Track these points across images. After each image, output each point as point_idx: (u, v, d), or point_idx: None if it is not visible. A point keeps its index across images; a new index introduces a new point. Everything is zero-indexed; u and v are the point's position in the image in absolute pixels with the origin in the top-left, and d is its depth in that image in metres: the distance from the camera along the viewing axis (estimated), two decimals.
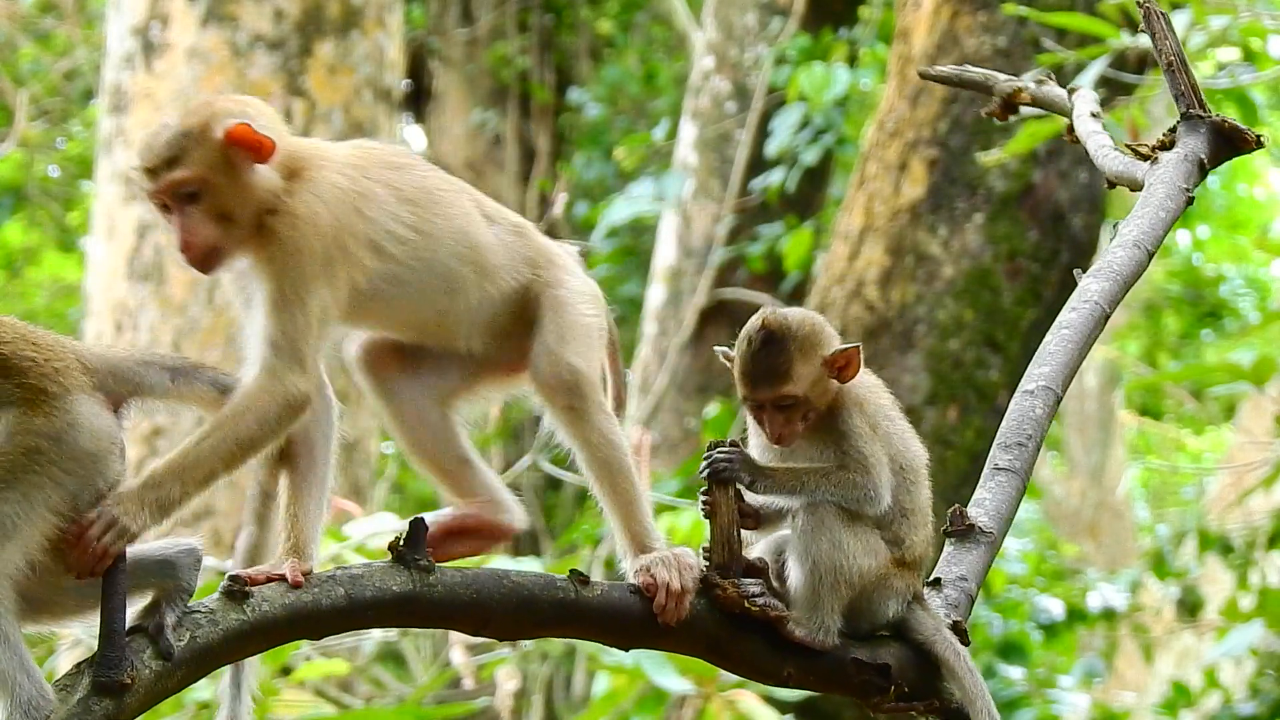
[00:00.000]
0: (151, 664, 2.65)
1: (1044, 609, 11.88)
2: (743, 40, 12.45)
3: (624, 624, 2.93)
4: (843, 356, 3.15)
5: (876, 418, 3.18)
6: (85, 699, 2.61)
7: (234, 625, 2.71)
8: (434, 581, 2.83)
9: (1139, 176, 3.74)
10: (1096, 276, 3.54)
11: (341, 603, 2.78)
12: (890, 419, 3.23)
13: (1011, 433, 3.35)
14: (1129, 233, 3.60)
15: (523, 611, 2.87)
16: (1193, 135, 3.75)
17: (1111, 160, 3.83)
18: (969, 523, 3.23)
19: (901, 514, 3.14)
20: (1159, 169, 3.71)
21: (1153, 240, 3.59)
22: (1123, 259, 3.56)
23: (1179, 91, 3.76)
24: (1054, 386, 3.41)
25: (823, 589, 3.04)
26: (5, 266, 20.08)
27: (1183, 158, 3.72)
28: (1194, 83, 3.76)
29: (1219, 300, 19.95)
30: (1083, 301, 3.50)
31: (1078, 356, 3.45)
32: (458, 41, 18.30)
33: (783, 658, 2.99)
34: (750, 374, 3.12)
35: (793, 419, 3.11)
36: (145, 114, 10.14)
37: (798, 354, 3.11)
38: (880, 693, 3.03)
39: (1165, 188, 3.67)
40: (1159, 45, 3.75)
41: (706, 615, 2.95)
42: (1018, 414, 3.38)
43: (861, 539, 3.07)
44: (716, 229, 12.00)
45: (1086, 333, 3.47)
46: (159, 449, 9.75)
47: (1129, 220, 3.63)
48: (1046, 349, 3.45)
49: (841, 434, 3.13)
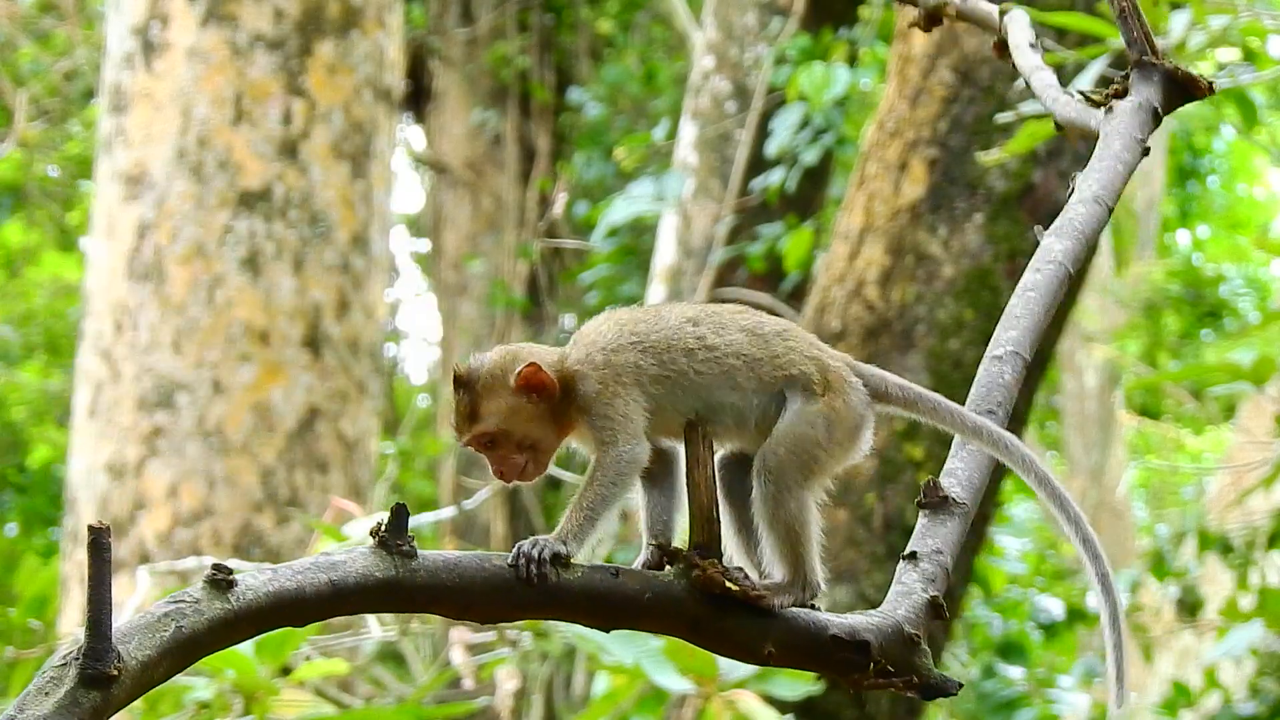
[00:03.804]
0: (137, 655, 2.66)
1: (1044, 609, 11.90)
2: (743, 40, 12.45)
3: (605, 606, 2.96)
4: (520, 379, 3.15)
5: (602, 372, 3.15)
6: (73, 691, 2.62)
7: (219, 614, 2.72)
8: (416, 567, 2.85)
9: (1092, 125, 3.70)
10: (1059, 235, 3.50)
11: (325, 589, 2.80)
12: (621, 329, 3.20)
13: (980, 400, 3.30)
14: (1088, 187, 3.56)
15: (504, 595, 2.89)
16: (1145, 83, 3.71)
17: (1063, 105, 3.78)
18: (942, 494, 3.20)
19: (747, 363, 3.13)
20: (1113, 119, 3.66)
21: (1111, 195, 3.55)
22: (1083, 215, 3.52)
23: (1131, 38, 3.72)
24: (1021, 351, 3.36)
25: (796, 544, 3.07)
26: (5, 266, 20.09)
27: (1137, 106, 3.67)
28: (1146, 30, 3.71)
29: (1219, 300, 19.96)
30: (1047, 262, 3.46)
31: (1045, 318, 3.40)
32: (458, 41, 18.31)
33: (764, 636, 3.00)
34: (451, 424, 3.24)
35: (507, 454, 3.17)
36: (145, 114, 10.15)
37: (482, 393, 3.17)
38: (860, 670, 3.03)
39: (1121, 139, 3.62)
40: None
41: (687, 596, 2.96)
42: (986, 381, 3.33)
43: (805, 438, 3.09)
44: (716, 229, 12.00)
45: (1052, 293, 3.43)
46: (159, 449, 9.75)
47: (1086, 174, 3.58)
48: (1012, 312, 3.40)
49: (590, 409, 3.14)
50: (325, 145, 10.21)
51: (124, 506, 9.69)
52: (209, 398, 9.76)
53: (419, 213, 20.39)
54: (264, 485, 9.79)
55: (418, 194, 21.40)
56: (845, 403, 3.15)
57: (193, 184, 10.01)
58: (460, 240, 18.14)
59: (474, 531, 16.51)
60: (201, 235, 9.96)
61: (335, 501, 7.57)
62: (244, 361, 9.81)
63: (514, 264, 17.71)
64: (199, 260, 9.94)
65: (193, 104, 10.09)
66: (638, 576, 2.97)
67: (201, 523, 9.69)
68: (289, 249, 10.04)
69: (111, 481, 9.77)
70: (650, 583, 2.96)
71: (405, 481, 17.21)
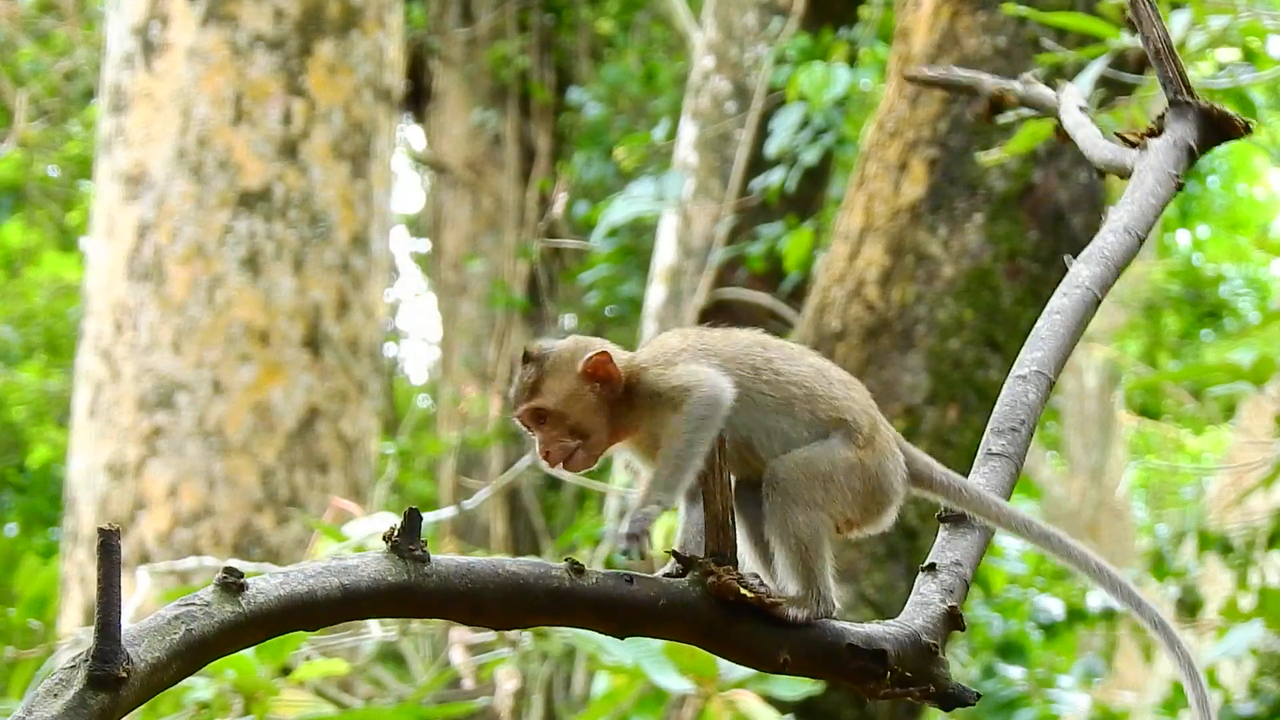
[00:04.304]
0: (147, 657, 2.66)
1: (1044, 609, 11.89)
2: (743, 40, 12.45)
3: (619, 612, 2.95)
4: (589, 364, 3.17)
5: (668, 357, 3.17)
6: (81, 693, 2.62)
7: (229, 617, 2.72)
8: (429, 572, 2.84)
9: (1128, 164, 3.74)
10: (1087, 262, 3.53)
11: (337, 593, 2.79)
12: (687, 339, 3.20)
13: (1004, 418, 3.33)
14: (1119, 218, 3.60)
15: (517, 599, 2.89)
16: (1181, 121, 3.74)
17: (1100, 149, 3.83)
18: None
19: (804, 394, 3.13)
20: (1148, 156, 3.70)
21: (1143, 225, 3.59)
22: (1113, 244, 3.55)
23: (1166, 78, 3.75)
24: (1046, 371, 3.40)
25: (809, 559, 3.06)
26: (5, 266, 20.09)
27: (1171, 144, 3.71)
28: (1181, 69, 3.75)
29: (1219, 300, 19.97)
30: (1074, 287, 3.49)
31: (1070, 341, 3.44)
32: (458, 41, 18.31)
33: (779, 643, 3.00)
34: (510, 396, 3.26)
35: (558, 436, 3.18)
36: (145, 114, 10.15)
37: (548, 371, 3.19)
38: (876, 678, 3.02)
39: (1154, 174, 3.66)
40: (1146, 32, 3.75)
41: (702, 603, 2.96)
42: (1010, 399, 3.36)
43: (829, 470, 3.09)
44: (716, 229, 12.00)
45: (1078, 317, 3.46)
46: (159, 449, 9.76)
47: (1119, 206, 3.63)
48: (1038, 334, 3.44)
49: (651, 402, 3.14)
50: (325, 145, 10.22)
51: (124, 506, 9.69)
52: (209, 398, 9.76)
53: (419, 213, 20.40)
54: (264, 485, 9.79)
55: (418, 194, 21.42)
56: (879, 465, 3.15)
57: (193, 184, 10.01)
58: (460, 240, 18.14)
59: (474, 532, 16.51)
60: (201, 235, 9.96)
61: (335, 501, 7.58)
62: (244, 361, 9.81)
63: (514, 264, 17.72)
64: (199, 260, 9.94)
65: (193, 104, 10.09)
66: (652, 583, 2.96)
67: (201, 523, 9.69)
68: (289, 249, 10.04)
69: (111, 481, 9.77)
70: (665, 589, 2.96)
71: (405, 481, 17.21)
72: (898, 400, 8.27)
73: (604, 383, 3.19)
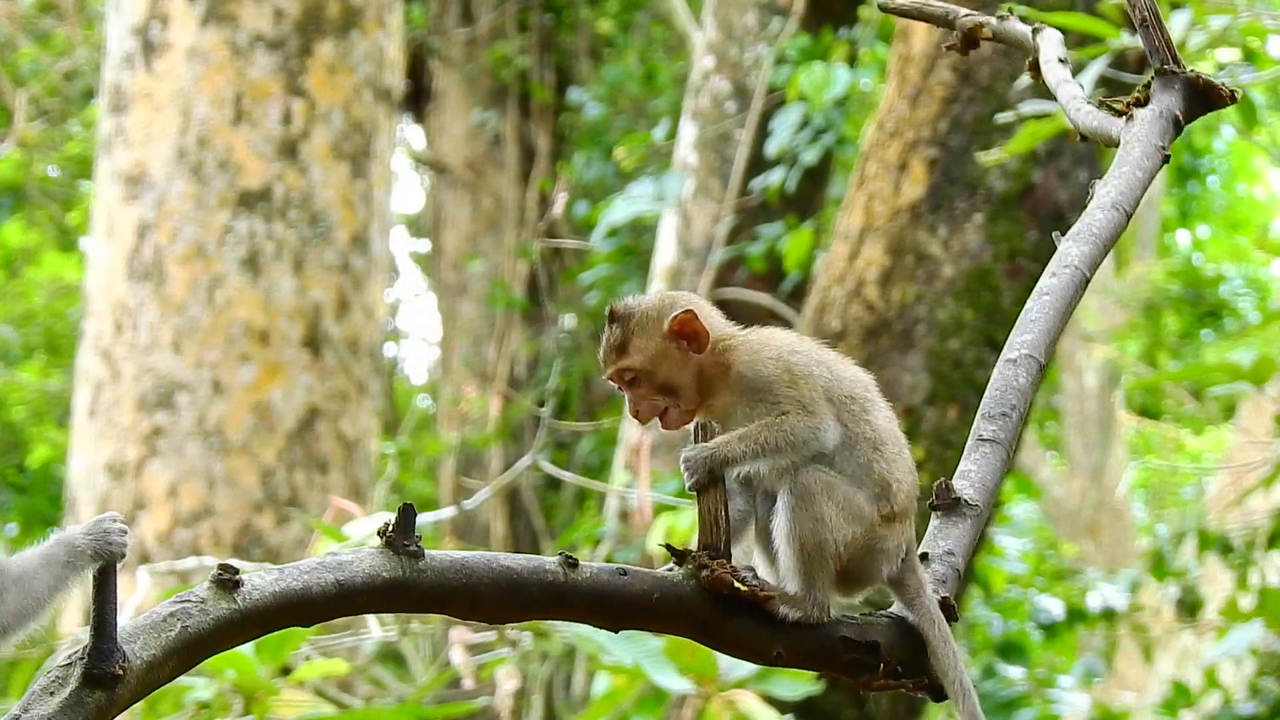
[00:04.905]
0: (143, 655, 2.66)
1: (1044, 609, 11.89)
2: (743, 40, 12.45)
3: (613, 606, 2.95)
4: (676, 321, 3.15)
5: (788, 361, 3.14)
6: (77, 690, 2.62)
7: (225, 614, 2.72)
8: (423, 567, 2.84)
9: (1114, 133, 3.70)
10: (1076, 240, 3.49)
11: (332, 589, 2.79)
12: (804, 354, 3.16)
13: (995, 403, 3.29)
14: (1107, 194, 3.55)
15: (511, 594, 2.89)
16: (1167, 92, 3.70)
17: (1085, 115, 3.78)
18: (955, 496, 3.20)
19: (871, 446, 3.10)
20: (1134, 126, 3.66)
21: (1130, 201, 3.55)
22: (1101, 221, 3.51)
23: (1153, 47, 3.72)
24: (1036, 354, 3.35)
25: (812, 566, 3.04)
26: (5, 266, 20.09)
27: (1158, 114, 3.67)
28: (1168, 39, 3.71)
29: (1219, 300, 19.95)
30: (1063, 266, 3.44)
31: (1060, 322, 3.39)
32: (458, 41, 18.31)
33: (772, 637, 3.00)
34: (599, 355, 3.23)
35: (647, 394, 3.16)
36: (145, 114, 10.15)
37: (634, 330, 3.17)
38: (869, 671, 3.02)
39: (1141, 146, 3.62)
40: (1132, 1, 3.72)
41: (696, 596, 2.95)
42: (1000, 383, 3.32)
43: (846, 506, 3.06)
44: (716, 229, 12.00)
45: (1067, 297, 3.41)
46: (159, 449, 9.76)
47: (1106, 181, 3.58)
48: (1027, 316, 3.39)
49: (760, 389, 3.11)
50: (325, 145, 10.22)
51: (124, 506, 9.69)
52: (209, 398, 9.76)
53: (419, 213, 20.39)
54: (264, 485, 9.79)
55: (418, 194, 21.40)
56: (884, 541, 3.08)
57: (193, 184, 10.01)
58: (460, 240, 18.14)
59: (474, 531, 16.51)
60: (201, 235, 9.96)
61: (335, 501, 7.58)
62: (244, 361, 9.81)
63: (514, 264, 17.71)
64: (199, 260, 9.94)
65: (193, 104, 10.09)
66: (646, 577, 2.96)
67: (201, 523, 9.69)
68: (289, 249, 10.04)
69: (111, 481, 9.77)
70: (659, 583, 2.95)
71: (405, 481, 17.20)
72: (898, 400, 8.27)
73: (690, 340, 3.16)
